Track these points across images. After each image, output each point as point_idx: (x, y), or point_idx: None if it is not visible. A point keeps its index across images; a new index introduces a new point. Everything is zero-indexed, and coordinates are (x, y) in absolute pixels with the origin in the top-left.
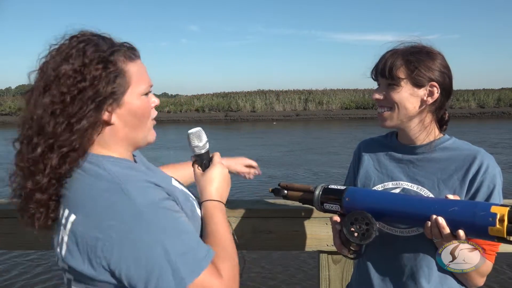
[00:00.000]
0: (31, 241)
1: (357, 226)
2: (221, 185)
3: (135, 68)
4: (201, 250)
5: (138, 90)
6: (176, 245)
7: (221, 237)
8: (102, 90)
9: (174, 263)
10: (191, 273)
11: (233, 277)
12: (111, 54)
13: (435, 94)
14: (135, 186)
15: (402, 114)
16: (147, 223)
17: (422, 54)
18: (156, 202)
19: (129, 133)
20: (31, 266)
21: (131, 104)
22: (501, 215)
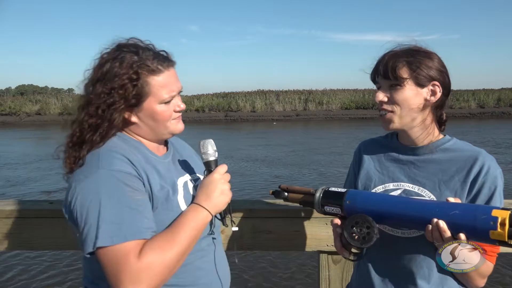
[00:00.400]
0: (31, 241)
1: (358, 230)
2: (211, 192)
3: (157, 81)
4: (129, 228)
5: (157, 99)
6: (109, 212)
7: (173, 233)
8: (127, 100)
9: (99, 225)
10: (106, 239)
11: (150, 270)
12: (136, 72)
13: (437, 93)
14: (109, 155)
15: (407, 114)
16: (97, 184)
17: (420, 54)
18: (114, 170)
19: (149, 131)
20: (31, 266)
21: (150, 110)
22: (502, 219)
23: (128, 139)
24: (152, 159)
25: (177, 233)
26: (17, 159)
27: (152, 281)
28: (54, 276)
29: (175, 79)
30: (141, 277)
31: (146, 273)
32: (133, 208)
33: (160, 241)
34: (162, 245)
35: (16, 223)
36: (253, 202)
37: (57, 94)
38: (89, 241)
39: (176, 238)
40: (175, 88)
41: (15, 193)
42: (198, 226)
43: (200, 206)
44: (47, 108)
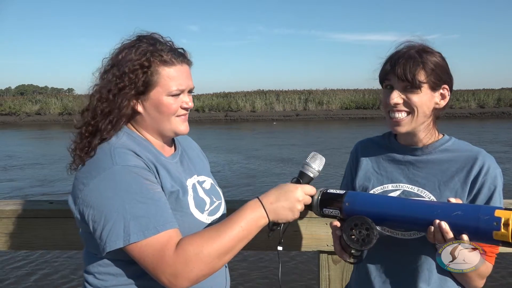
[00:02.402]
0: (31, 241)
1: (357, 232)
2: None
3: (167, 72)
4: (157, 219)
5: (165, 90)
6: (134, 207)
7: (221, 227)
8: (135, 87)
9: (127, 221)
10: (138, 234)
11: (188, 263)
12: (147, 59)
13: (446, 97)
14: (120, 151)
15: (420, 118)
16: (116, 181)
17: (430, 55)
18: (130, 166)
19: (153, 124)
20: (31, 266)
21: (156, 100)
22: (506, 219)
23: (136, 136)
24: (161, 159)
25: (224, 229)
26: (36, 159)
27: (191, 273)
28: (54, 276)
29: (186, 76)
30: (179, 269)
31: (183, 266)
32: (156, 199)
33: (204, 235)
34: (203, 239)
35: (16, 223)
36: None
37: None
38: (116, 238)
39: (221, 235)
40: (184, 84)
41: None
42: (250, 226)
43: (261, 203)
44: (47, 108)
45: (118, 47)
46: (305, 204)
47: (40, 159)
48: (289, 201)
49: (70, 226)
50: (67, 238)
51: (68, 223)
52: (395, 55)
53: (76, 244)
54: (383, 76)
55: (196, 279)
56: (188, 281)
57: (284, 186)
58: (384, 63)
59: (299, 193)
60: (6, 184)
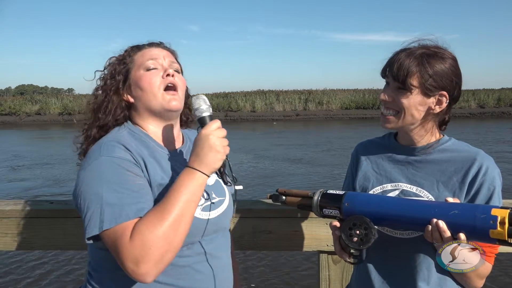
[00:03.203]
0: (31, 241)
1: (356, 231)
2: (200, 150)
3: (140, 54)
4: (129, 208)
5: (141, 66)
6: (111, 196)
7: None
8: (116, 78)
9: (103, 208)
10: (110, 222)
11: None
12: (124, 54)
13: (443, 104)
14: (109, 144)
15: (407, 120)
16: (99, 171)
17: (436, 59)
18: (114, 157)
19: (142, 106)
20: (31, 266)
21: (135, 79)
22: (502, 218)
23: (137, 132)
24: (158, 152)
25: (168, 203)
26: (43, 159)
27: (151, 257)
28: (54, 276)
29: (164, 55)
30: (137, 255)
31: (141, 251)
32: (135, 191)
33: (151, 215)
34: (153, 218)
35: (16, 223)
36: (253, 202)
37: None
38: (93, 225)
39: (168, 208)
40: (160, 57)
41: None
42: (192, 189)
43: (191, 167)
44: (47, 108)
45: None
46: (305, 205)
47: (47, 158)
48: (205, 145)
49: (70, 226)
50: (67, 238)
51: (68, 223)
52: (398, 53)
53: (76, 244)
54: (383, 72)
55: (159, 260)
56: (151, 264)
57: (194, 142)
58: (388, 58)
59: (205, 133)
60: (17, 184)
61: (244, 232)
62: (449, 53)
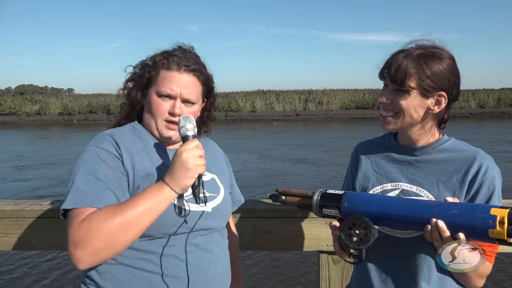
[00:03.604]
0: (31, 241)
1: (355, 231)
2: (173, 168)
3: (164, 74)
4: (90, 196)
5: (157, 89)
6: (80, 181)
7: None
8: (141, 76)
9: (71, 190)
10: (68, 203)
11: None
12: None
13: (442, 104)
14: (101, 136)
15: (406, 121)
16: (82, 158)
17: (434, 60)
18: (97, 148)
19: (148, 117)
20: (31, 266)
21: (149, 98)
22: (501, 217)
23: (139, 129)
24: (153, 147)
25: (127, 203)
26: (47, 158)
27: (89, 244)
28: (53, 276)
29: (183, 84)
30: (78, 238)
31: (83, 235)
32: (101, 180)
33: (107, 209)
34: (106, 213)
35: (16, 223)
36: (253, 202)
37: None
38: (62, 204)
39: (123, 208)
40: (176, 89)
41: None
42: (156, 200)
43: (162, 181)
44: (47, 108)
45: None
46: (304, 205)
47: (51, 158)
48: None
49: None
50: (67, 238)
51: None
52: (395, 55)
53: None
54: (380, 74)
55: (94, 252)
56: (88, 253)
57: (172, 158)
58: (386, 60)
59: (180, 151)
60: (23, 184)
61: (244, 232)
62: (447, 53)
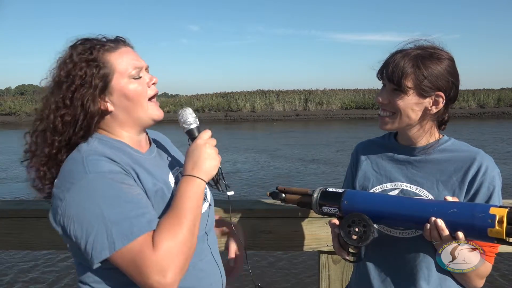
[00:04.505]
0: (30, 241)
1: (355, 229)
2: (197, 159)
3: (116, 57)
4: (138, 221)
5: (123, 75)
6: (113, 213)
7: (176, 212)
8: (92, 84)
9: (109, 228)
10: (123, 239)
11: (170, 255)
12: (91, 52)
13: (440, 104)
14: (92, 159)
15: (404, 121)
16: (91, 190)
17: (432, 60)
18: (104, 172)
19: (127, 116)
20: (31, 266)
21: (120, 89)
22: (500, 217)
23: (108, 140)
24: (138, 157)
25: (179, 210)
26: None
27: (177, 265)
28: (53, 276)
29: (136, 56)
30: (164, 264)
31: (168, 260)
32: (136, 202)
33: (167, 225)
34: (171, 227)
35: (16, 223)
36: (253, 202)
37: None
38: (101, 248)
39: (181, 215)
40: (138, 62)
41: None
42: (196, 195)
43: (191, 176)
44: None
45: (56, 65)
46: (304, 203)
47: None
48: (202, 154)
49: None
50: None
51: None
52: (393, 55)
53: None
54: (378, 74)
55: (183, 267)
56: (178, 271)
57: (189, 151)
58: (384, 60)
59: (201, 142)
60: (23, 184)
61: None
62: (446, 53)
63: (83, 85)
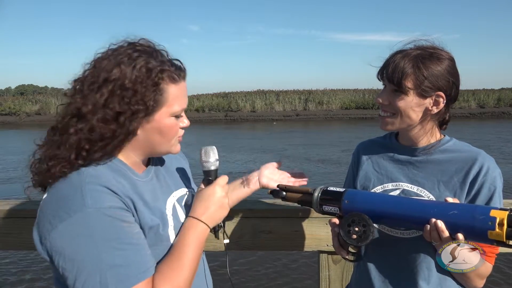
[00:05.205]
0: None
1: (355, 228)
2: (211, 206)
3: (174, 90)
4: (138, 267)
5: (170, 110)
6: (111, 256)
7: (179, 257)
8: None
9: (104, 272)
10: (117, 285)
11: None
12: (158, 72)
13: (440, 104)
14: (93, 189)
15: (405, 121)
16: (89, 227)
17: (432, 60)
18: (104, 208)
19: (148, 146)
20: (31, 266)
21: (159, 123)
22: (501, 219)
23: (119, 164)
24: (136, 182)
25: (181, 257)
26: None
27: None
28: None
29: (186, 93)
30: None
31: None
32: (136, 244)
33: (169, 271)
34: (172, 274)
35: (16, 223)
36: (253, 202)
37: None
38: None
39: (183, 262)
40: (185, 104)
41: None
42: (199, 242)
43: (198, 220)
44: (47, 108)
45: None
46: (305, 201)
47: None
48: (216, 202)
49: None
50: None
51: None
52: (393, 55)
53: None
54: (378, 75)
55: None
56: None
57: (203, 194)
58: (384, 61)
59: (218, 191)
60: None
61: (244, 232)
62: (446, 53)
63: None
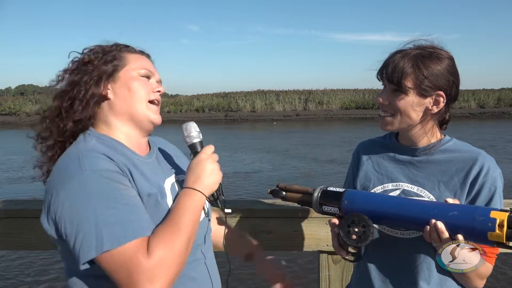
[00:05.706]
0: (31, 241)
1: (354, 229)
2: (201, 173)
3: (132, 56)
4: (133, 225)
5: (133, 67)
6: (107, 214)
7: (174, 222)
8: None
9: (99, 229)
10: (112, 242)
11: (163, 264)
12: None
13: (440, 104)
14: (89, 156)
15: (405, 121)
16: (86, 188)
17: (432, 60)
18: (101, 170)
19: (124, 106)
20: (30, 266)
21: (125, 79)
22: (501, 220)
23: (106, 139)
24: (135, 160)
25: (178, 221)
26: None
27: (168, 275)
28: (53, 276)
29: (152, 65)
30: (156, 273)
31: (160, 269)
32: (132, 204)
33: (165, 233)
34: (168, 236)
35: (16, 223)
36: (253, 202)
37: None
38: (88, 248)
39: (179, 226)
40: (152, 69)
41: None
42: (196, 209)
43: (192, 189)
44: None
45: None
46: (305, 201)
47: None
48: (205, 169)
49: None
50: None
51: None
52: (393, 55)
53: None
54: (378, 75)
55: (174, 278)
56: (168, 282)
57: (191, 165)
58: (384, 60)
59: (204, 157)
60: (24, 184)
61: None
62: (445, 53)
63: (93, 70)
